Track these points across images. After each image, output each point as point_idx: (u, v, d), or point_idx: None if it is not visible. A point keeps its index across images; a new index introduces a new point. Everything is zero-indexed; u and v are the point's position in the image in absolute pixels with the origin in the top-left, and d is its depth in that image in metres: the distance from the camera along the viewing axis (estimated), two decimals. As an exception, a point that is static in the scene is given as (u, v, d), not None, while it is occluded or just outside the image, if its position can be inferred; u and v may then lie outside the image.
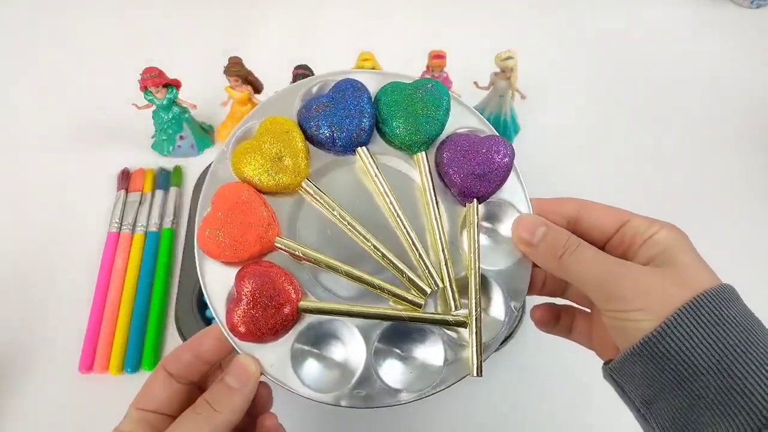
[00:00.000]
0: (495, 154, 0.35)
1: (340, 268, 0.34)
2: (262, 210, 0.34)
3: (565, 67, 0.75)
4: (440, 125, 0.36)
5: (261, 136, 0.35)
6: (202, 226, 0.34)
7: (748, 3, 0.80)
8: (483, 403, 0.52)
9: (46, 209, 0.62)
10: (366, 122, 0.35)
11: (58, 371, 0.52)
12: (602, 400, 0.52)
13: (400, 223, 0.35)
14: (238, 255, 0.33)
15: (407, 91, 0.36)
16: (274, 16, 0.80)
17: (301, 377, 0.33)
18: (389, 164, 0.37)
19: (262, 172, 0.34)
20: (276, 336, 0.33)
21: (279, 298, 0.32)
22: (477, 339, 0.34)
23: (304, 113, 0.36)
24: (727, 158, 0.67)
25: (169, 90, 0.60)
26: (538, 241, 0.33)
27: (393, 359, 0.34)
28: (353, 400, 0.33)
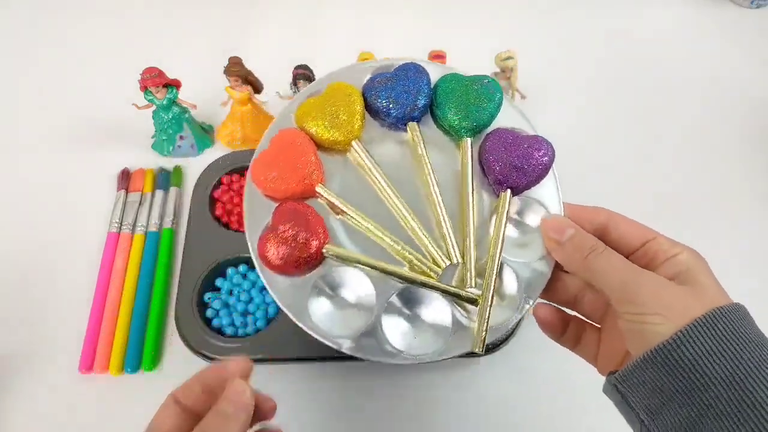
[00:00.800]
0: (536, 151, 0.37)
1: (370, 224, 0.37)
2: (311, 156, 0.37)
3: (565, 67, 0.75)
4: (489, 116, 0.39)
5: (326, 95, 0.39)
6: (257, 158, 0.38)
7: (748, 3, 0.80)
8: (483, 402, 0.52)
9: (46, 209, 0.62)
10: (421, 101, 0.39)
11: (58, 371, 0.52)
12: (602, 401, 0.52)
13: (436, 198, 0.37)
14: (280, 190, 0.37)
15: (465, 82, 0.39)
16: (274, 16, 0.80)
17: (313, 317, 0.35)
18: (434, 146, 0.39)
19: (319, 124, 0.38)
20: (299, 270, 0.35)
21: (308, 235, 0.35)
22: (485, 317, 0.35)
23: (368, 84, 0.40)
24: (727, 158, 0.67)
25: (169, 90, 0.60)
26: (566, 241, 0.34)
27: (401, 321, 0.36)
28: (354, 349, 0.35)
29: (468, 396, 0.52)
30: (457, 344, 0.35)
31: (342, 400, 0.52)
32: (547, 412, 0.52)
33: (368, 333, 0.35)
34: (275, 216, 0.36)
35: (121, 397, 0.52)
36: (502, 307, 0.36)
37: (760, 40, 0.78)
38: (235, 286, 0.55)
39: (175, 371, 0.53)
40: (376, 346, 0.35)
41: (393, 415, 0.51)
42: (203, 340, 0.52)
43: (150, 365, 0.52)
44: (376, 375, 0.53)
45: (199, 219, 0.59)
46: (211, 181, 0.61)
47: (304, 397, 0.52)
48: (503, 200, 0.37)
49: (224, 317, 0.54)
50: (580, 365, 0.54)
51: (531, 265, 0.37)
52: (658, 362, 0.29)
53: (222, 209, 0.60)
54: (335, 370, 0.53)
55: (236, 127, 0.63)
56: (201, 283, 0.54)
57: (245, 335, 0.53)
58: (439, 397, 0.52)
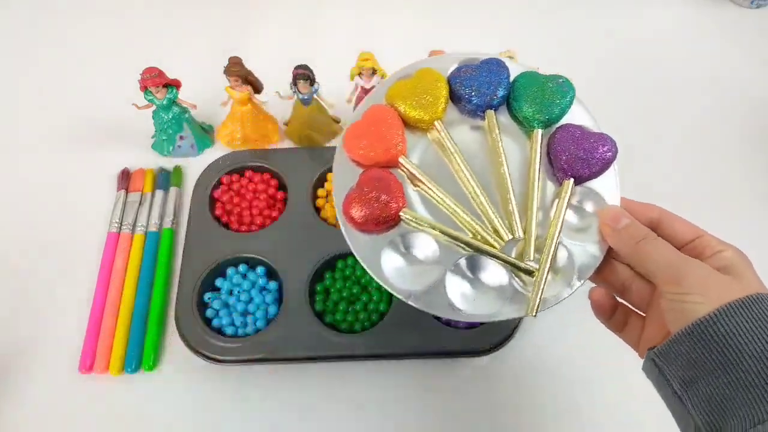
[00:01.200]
0: (601, 146, 0.41)
1: (443, 195, 0.40)
2: (398, 131, 0.41)
3: (565, 67, 0.75)
4: (561, 111, 0.42)
5: (416, 79, 0.43)
6: (350, 128, 0.42)
7: (748, 3, 0.80)
8: (483, 402, 0.52)
9: (46, 209, 0.62)
10: (501, 92, 0.43)
11: (59, 371, 0.53)
12: (602, 401, 0.52)
13: (506, 178, 0.41)
14: (368, 157, 0.41)
15: (541, 80, 0.43)
16: (274, 16, 0.80)
17: (386, 270, 0.39)
18: (506, 133, 0.43)
19: (408, 104, 0.42)
20: (377, 228, 0.40)
21: (389, 198, 0.39)
22: (541, 287, 0.38)
23: (454, 72, 0.44)
24: (727, 158, 0.67)
25: (169, 90, 0.60)
26: (621, 228, 0.38)
27: (464, 282, 0.40)
28: (417, 302, 0.39)
29: (468, 396, 0.52)
30: (511, 309, 0.39)
31: (342, 399, 0.52)
32: (547, 411, 0.52)
33: (431, 290, 0.39)
34: (361, 179, 0.40)
35: (122, 397, 0.52)
36: (555, 282, 0.39)
37: (760, 40, 0.78)
38: (235, 286, 0.55)
39: (175, 371, 0.53)
40: (437, 301, 0.39)
41: (393, 414, 0.52)
42: (203, 340, 0.52)
43: (150, 365, 0.52)
44: (377, 375, 0.53)
45: (199, 219, 0.59)
46: (211, 181, 0.61)
47: (304, 397, 0.52)
48: (566, 187, 0.41)
49: (224, 317, 0.54)
50: (580, 365, 0.54)
51: (585, 248, 0.40)
52: (695, 336, 0.31)
53: (222, 209, 0.60)
54: (335, 370, 0.53)
55: (236, 127, 0.63)
56: (201, 283, 0.54)
57: (245, 335, 0.53)
58: (440, 396, 0.52)
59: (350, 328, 0.53)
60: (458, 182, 0.42)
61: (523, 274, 0.39)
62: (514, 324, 0.53)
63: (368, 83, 0.60)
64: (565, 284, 0.39)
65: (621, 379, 0.53)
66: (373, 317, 0.54)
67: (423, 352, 0.52)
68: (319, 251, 0.56)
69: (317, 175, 0.61)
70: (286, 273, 0.55)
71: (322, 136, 0.65)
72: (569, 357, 0.54)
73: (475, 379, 0.53)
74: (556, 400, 0.52)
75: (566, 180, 0.41)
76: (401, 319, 0.53)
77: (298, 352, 0.52)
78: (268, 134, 0.65)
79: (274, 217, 0.60)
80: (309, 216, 0.59)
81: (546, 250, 0.39)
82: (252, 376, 0.53)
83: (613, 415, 0.52)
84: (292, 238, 0.57)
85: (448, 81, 0.44)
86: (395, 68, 0.60)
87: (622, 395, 0.53)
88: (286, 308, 0.53)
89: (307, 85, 0.59)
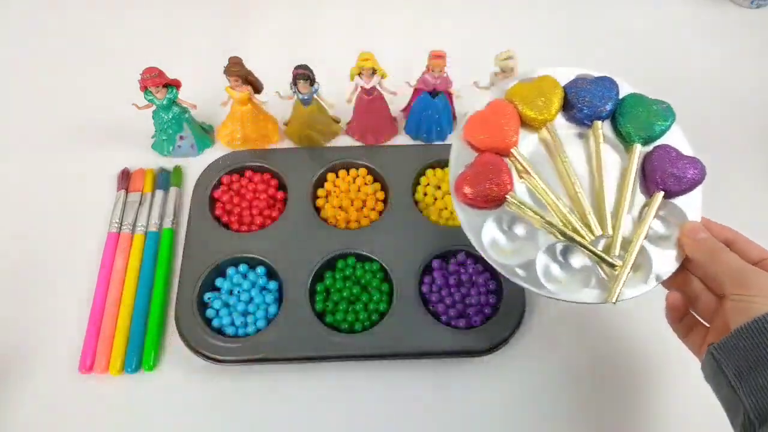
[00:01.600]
0: (692, 168, 0.46)
1: (546, 187, 0.46)
2: (513, 123, 0.47)
3: (564, 66, 0.75)
4: (660, 132, 0.48)
5: (535, 82, 0.49)
6: (473, 116, 0.48)
7: (748, 3, 0.80)
8: (483, 402, 0.52)
9: (46, 209, 0.62)
10: (609, 106, 0.48)
11: (59, 371, 0.53)
12: (601, 400, 0.52)
13: (603, 181, 0.46)
14: (485, 143, 0.47)
15: (647, 102, 0.49)
16: (274, 16, 0.80)
17: (486, 244, 0.45)
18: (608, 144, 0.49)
19: (525, 102, 0.48)
20: (486, 204, 0.45)
21: (498, 179, 0.45)
22: (622, 279, 0.44)
23: (571, 83, 0.49)
24: (726, 158, 0.67)
25: (169, 90, 0.60)
26: (700, 239, 0.43)
27: (554, 264, 0.45)
28: (508, 272, 0.44)
29: (468, 395, 0.52)
30: (593, 295, 0.44)
31: (342, 399, 0.52)
32: (547, 411, 0.52)
33: (523, 266, 0.44)
34: (477, 160, 0.46)
35: (122, 397, 0.52)
36: (634, 277, 0.44)
37: (760, 40, 0.78)
38: (235, 285, 0.55)
39: (176, 371, 0.53)
40: (526, 276, 0.44)
41: (393, 414, 0.52)
42: (203, 339, 0.52)
43: (150, 365, 0.52)
44: (377, 375, 0.53)
45: (200, 219, 0.59)
46: (211, 181, 0.61)
47: (304, 397, 0.52)
48: (656, 198, 0.46)
49: (224, 317, 0.54)
50: (579, 365, 0.54)
51: (664, 254, 0.45)
52: (753, 331, 0.35)
53: (222, 209, 0.60)
54: (335, 370, 0.53)
55: (236, 127, 0.63)
56: (201, 283, 0.54)
57: (245, 335, 0.53)
58: (440, 396, 0.52)
59: (350, 328, 0.53)
60: (558, 179, 0.48)
61: (606, 267, 0.45)
62: (514, 325, 0.53)
63: (368, 83, 0.60)
64: (643, 281, 0.44)
65: (620, 379, 0.53)
66: (373, 317, 0.54)
67: (423, 352, 0.52)
68: (320, 251, 0.56)
69: (317, 175, 0.61)
70: (287, 273, 0.55)
71: (322, 136, 0.65)
72: (568, 357, 0.55)
73: (475, 380, 0.53)
74: (555, 400, 0.52)
75: (657, 192, 0.46)
76: (401, 320, 0.53)
77: (298, 352, 0.52)
78: (268, 134, 0.65)
79: (274, 217, 0.60)
80: (309, 216, 0.59)
81: (631, 248, 0.44)
82: (252, 376, 0.53)
83: (612, 414, 0.52)
84: (293, 238, 0.57)
85: (564, 89, 0.49)
86: (395, 68, 0.60)
87: (621, 395, 0.53)
88: (287, 308, 0.54)
89: (307, 85, 0.59)
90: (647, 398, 0.53)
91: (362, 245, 0.57)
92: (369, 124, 0.64)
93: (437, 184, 0.62)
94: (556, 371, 0.54)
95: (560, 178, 0.48)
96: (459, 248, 0.56)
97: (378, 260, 0.56)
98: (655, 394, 0.53)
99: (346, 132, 0.67)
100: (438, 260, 0.56)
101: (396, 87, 0.62)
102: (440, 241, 0.57)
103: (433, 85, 0.60)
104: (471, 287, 0.55)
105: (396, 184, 0.61)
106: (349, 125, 0.67)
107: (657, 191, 0.46)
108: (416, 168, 0.62)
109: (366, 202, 0.61)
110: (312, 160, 0.63)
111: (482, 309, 0.54)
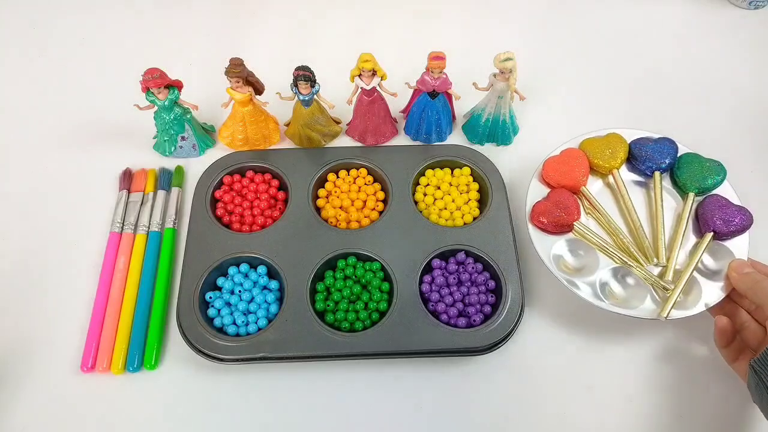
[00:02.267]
0: (740, 216, 0.54)
1: (610, 221, 0.56)
2: (584, 168, 0.58)
3: (564, 67, 0.76)
4: (713, 185, 0.57)
5: (605, 138, 0.61)
6: (551, 158, 0.59)
7: (746, 4, 0.81)
8: (482, 401, 0.52)
9: (49, 209, 0.62)
10: (668, 161, 0.58)
11: (61, 370, 0.53)
12: (601, 400, 0.53)
13: (661, 221, 0.56)
14: (559, 181, 0.57)
15: (701, 160, 0.58)
16: (275, 17, 0.80)
17: (553, 262, 0.54)
18: (666, 192, 0.59)
19: (596, 153, 0.59)
20: (556, 231, 0.55)
21: (568, 210, 0.55)
22: (673, 300, 0.51)
23: (636, 140, 0.60)
24: (726, 159, 0.67)
25: (170, 91, 0.60)
26: (745, 273, 0.51)
27: (615, 283, 0.54)
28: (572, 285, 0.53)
29: (468, 394, 0.53)
30: (646, 311, 0.51)
31: (342, 398, 0.52)
32: (547, 410, 0.52)
33: (586, 282, 0.53)
34: (551, 194, 0.57)
35: (123, 396, 0.52)
36: (685, 301, 0.52)
37: (759, 40, 0.78)
38: (236, 285, 0.56)
39: (177, 370, 0.53)
40: (590, 292, 0.52)
41: (394, 412, 0.52)
42: (205, 339, 0.52)
43: (152, 364, 0.53)
44: (377, 373, 0.53)
45: (201, 219, 0.59)
46: (212, 181, 0.61)
47: (304, 395, 0.52)
48: (706, 237, 0.55)
49: (226, 316, 0.54)
50: (579, 365, 0.55)
51: (713, 285, 0.52)
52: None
53: (223, 209, 0.60)
54: (336, 369, 0.54)
55: (237, 127, 0.63)
56: (202, 283, 0.55)
57: (247, 334, 0.53)
58: (440, 395, 0.53)
59: (351, 328, 0.54)
60: (620, 216, 0.58)
61: (660, 290, 0.53)
62: (513, 323, 0.53)
63: (368, 84, 0.60)
64: (691, 307, 0.51)
65: (620, 379, 0.54)
66: (373, 316, 0.54)
67: (423, 351, 0.52)
68: (320, 251, 0.57)
69: (318, 175, 0.62)
70: (288, 272, 0.55)
71: (322, 136, 0.66)
72: (568, 356, 0.55)
73: (474, 378, 0.53)
74: (555, 399, 0.53)
75: (707, 233, 0.55)
76: (402, 319, 0.53)
77: (299, 351, 0.52)
78: (269, 135, 0.65)
79: (275, 217, 0.60)
80: (310, 216, 0.59)
81: (683, 275, 0.52)
82: (253, 374, 0.53)
83: (611, 414, 0.52)
84: (293, 237, 0.58)
85: (630, 144, 0.60)
86: (395, 69, 0.60)
87: (621, 394, 0.53)
88: (288, 307, 0.54)
89: (307, 86, 0.59)
90: (646, 398, 0.53)
91: (362, 245, 0.57)
92: (369, 124, 0.65)
93: (437, 185, 0.62)
94: (556, 370, 0.54)
95: (622, 215, 0.57)
96: (459, 248, 0.57)
97: (378, 260, 0.56)
98: (650, 393, 0.53)
99: (347, 133, 0.68)
100: (438, 260, 0.57)
101: (396, 88, 0.62)
102: (440, 241, 0.57)
103: (432, 85, 0.61)
104: (471, 286, 0.55)
105: (396, 185, 0.61)
106: (350, 126, 0.67)
107: (707, 232, 0.54)
108: (416, 168, 0.62)
109: (366, 202, 0.61)
110: (312, 161, 0.63)
111: (482, 308, 0.54)
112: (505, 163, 0.64)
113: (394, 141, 0.67)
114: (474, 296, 0.54)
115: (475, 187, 0.62)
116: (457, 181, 0.62)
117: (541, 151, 0.60)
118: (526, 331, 0.55)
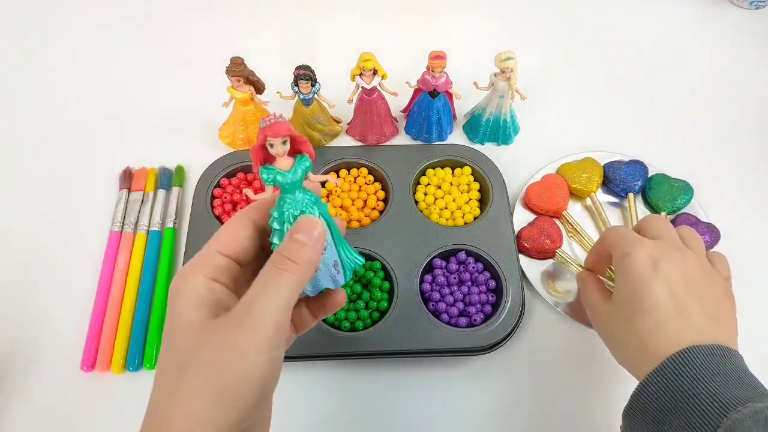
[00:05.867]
0: (709, 233, 0.58)
1: (589, 242, 0.58)
2: (564, 193, 0.61)
3: (564, 67, 0.76)
4: (683, 203, 0.61)
5: (581, 163, 0.63)
6: (533, 184, 0.62)
7: (746, 4, 0.81)
8: (482, 401, 0.52)
9: (48, 208, 0.62)
10: (640, 182, 0.62)
11: (60, 370, 0.53)
12: (601, 400, 0.53)
13: None
14: (542, 207, 0.60)
15: (670, 180, 0.62)
16: (276, 16, 0.80)
17: (540, 281, 0.57)
18: (640, 212, 0.62)
19: (574, 177, 0.62)
20: (540, 256, 0.58)
21: (551, 237, 0.58)
22: None
23: (609, 163, 0.63)
24: (726, 159, 0.67)
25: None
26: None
27: None
28: (557, 306, 0.56)
29: (469, 393, 0.53)
30: None
31: (342, 397, 0.52)
32: (548, 410, 0.52)
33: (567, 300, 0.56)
34: (535, 221, 0.59)
35: (124, 395, 0.52)
36: None
37: (759, 40, 0.78)
38: (236, 284, 0.56)
39: (177, 369, 0.53)
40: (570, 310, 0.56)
41: (393, 413, 0.52)
42: (205, 338, 0.52)
43: (152, 363, 0.53)
44: (378, 372, 0.53)
45: (201, 218, 0.59)
46: (212, 180, 0.61)
47: (304, 395, 0.52)
48: None
49: (226, 316, 0.54)
50: (578, 365, 0.55)
51: None
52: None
53: (223, 209, 0.60)
54: (336, 368, 0.53)
55: (238, 127, 0.63)
56: (203, 282, 0.55)
57: (247, 334, 0.53)
58: (441, 394, 0.53)
59: (352, 327, 0.54)
60: (599, 236, 0.56)
61: None
62: (514, 323, 0.53)
63: (369, 84, 0.60)
64: None
65: (620, 377, 0.54)
66: (374, 316, 0.54)
67: (424, 350, 0.52)
68: (321, 250, 0.57)
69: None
70: (288, 272, 0.55)
71: (323, 136, 0.66)
72: (568, 356, 0.55)
73: (475, 378, 0.53)
74: (556, 398, 0.53)
75: None
76: (402, 318, 0.53)
77: (300, 350, 0.52)
78: (270, 134, 0.65)
79: (275, 216, 0.60)
80: (310, 215, 0.59)
81: None
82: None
83: (613, 413, 0.52)
84: (294, 237, 0.58)
85: (604, 168, 0.63)
86: (396, 69, 0.60)
87: (621, 393, 0.53)
88: (288, 307, 0.54)
89: (308, 86, 0.59)
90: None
91: (363, 244, 0.57)
92: (370, 124, 0.65)
93: (438, 184, 0.62)
94: (556, 369, 0.54)
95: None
96: (459, 247, 0.57)
97: (379, 259, 0.56)
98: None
99: (347, 132, 0.68)
100: (439, 259, 0.57)
101: (396, 87, 0.62)
102: (441, 240, 0.57)
103: (433, 85, 0.61)
104: (472, 286, 0.55)
105: (397, 184, 0.61)
106: (350, 125, 0.67)
107: None
108: (417, 168, 0.62)
109: (367, 201, 0.61)
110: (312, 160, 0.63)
111: (483, 308, 0.54)
112: (506, 162, 0.64)
113: (395, 140, 0.67)
114: (475, 296, 0.54)
115: (475, 187, 0.62)
116: (458, 180, 0.62)
117: (542, 152, 0.60)
118: (527, 331, 0.55)
